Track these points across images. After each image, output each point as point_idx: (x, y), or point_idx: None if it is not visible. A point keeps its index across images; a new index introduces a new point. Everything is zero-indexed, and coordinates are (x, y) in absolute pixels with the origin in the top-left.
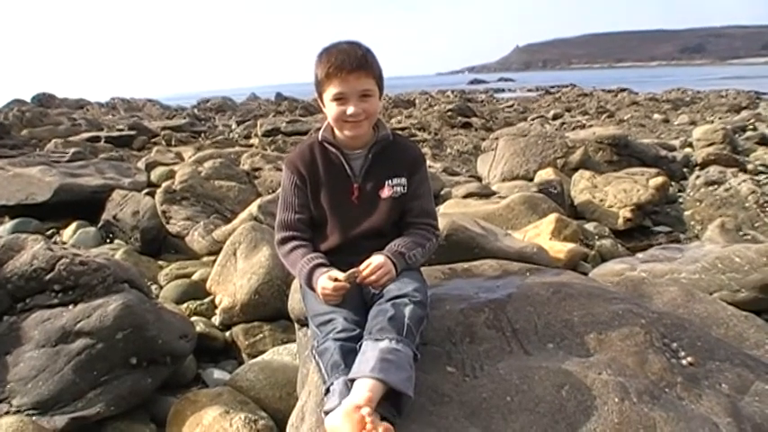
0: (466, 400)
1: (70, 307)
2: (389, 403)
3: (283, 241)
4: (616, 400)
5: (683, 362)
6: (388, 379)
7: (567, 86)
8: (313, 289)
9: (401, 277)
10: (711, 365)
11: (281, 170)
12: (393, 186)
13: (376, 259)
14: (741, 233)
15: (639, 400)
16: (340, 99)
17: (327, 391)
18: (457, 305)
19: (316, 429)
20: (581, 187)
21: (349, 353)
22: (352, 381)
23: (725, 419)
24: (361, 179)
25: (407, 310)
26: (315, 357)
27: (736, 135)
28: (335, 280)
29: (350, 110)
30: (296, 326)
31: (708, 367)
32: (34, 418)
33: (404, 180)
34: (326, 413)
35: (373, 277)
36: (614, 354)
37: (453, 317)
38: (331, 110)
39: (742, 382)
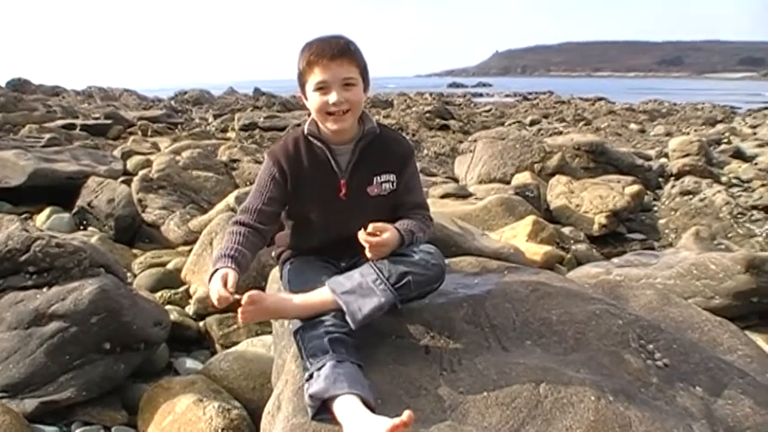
0: (443, 394)
1: (44, 289)
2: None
3: (235, 223)
4: (592, 398)
5: (659, 363)
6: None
7: (544, 93)
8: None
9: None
10: (686, 368)
11: (259, 162)
12: (382, 183)
13: (387, 234)
14: (715, 242)
15: (615, 398)
16: (322, 88)
17: (311, 376)
18: (436, 299)
19: (292, 418)
20: (557, 192)
21: (336, 341)
22: (340, 362)
23: (699, 421)
24: (347, 175)
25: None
26: (298, 342)
27: (712, 148)
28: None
29: (332, 98)
30: None
31: (682, 369)
32: (3, 400)
33: (392, 176)
34: (312, 396)
35: (372, 253)
36: (591, 353)
37: (432, 311)
38: (313, 101)
39: (715, 385)
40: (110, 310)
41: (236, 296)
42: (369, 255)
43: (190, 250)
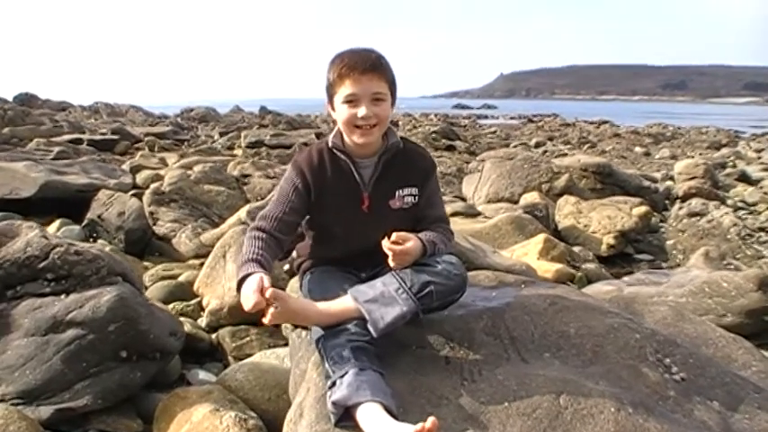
0: (464, 404)
1: (62, 297)
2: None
3: (254, 228)
4: (612, 410)
5: (676, 377)
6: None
7: (549, 116)
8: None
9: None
10: (703, 382)
11: (270, 177)
12: (404, 197)
13: (410, 243)
14: (725, 263)
15: (635, 411)
16: (351, 101)
17: (333, 384)
18: (455, 311)
19: (315, 425)
20: (566, 212)
21: (358, 350)
22: (362, 370)
23: None
24: (371, 188)
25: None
26: (320, 351)
27: (717, 171)
28: (262, 290)
29: (361, 112)
30: (288, 328)
31: (699, 384)
32: (19, 407)
33: (415, 190)
34: (334, 404)
35: (395, 262)
36: (610, 366)
37: (452, 322)
38: (342, 113)
39: (732, 400)
40: (127, 318)
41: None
42: (392, 263)
43: (201, 263)
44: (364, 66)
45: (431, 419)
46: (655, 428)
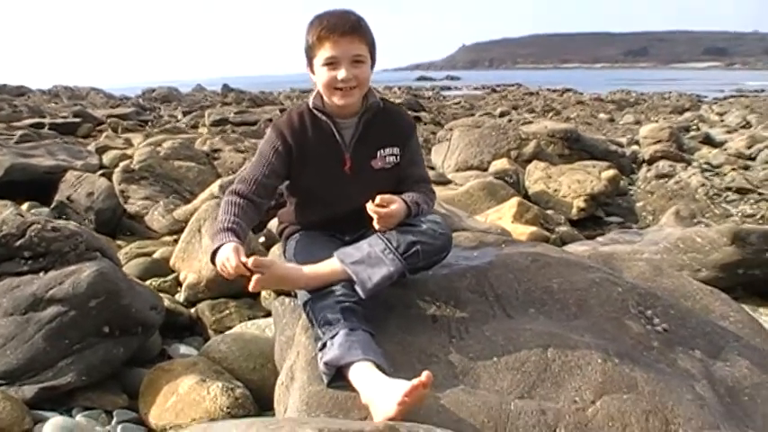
0: (454, 360)
1: (41, 274)
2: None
3: (232, 192)
4: (599, 360)
5: (658, 328)
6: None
7: (513, 85)
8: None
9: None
10: (684, 332)
11: (241, 152)
12: (386, 157)
13: (394, 206)
14: (695, 221)
15: (621, 361)
16: (331, 63)
17: (324, 345)
18: (439, 270)
19: (308, 386)
20: (536, 177)
21: (347, 310)
22: (353, 330)
23: (700, 382)
24: (352, 149)
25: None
26: (308, 314)
27: (681, 134)
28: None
29: (341, 74)
30: (270, 297)
31: (681, 334)
32: (2, 387)
33: (396, 149)
34: (327, 364)
35: (380, 225)
36: (594, 319)
37: (437, 281)
38: (321, 75)
39: (713, 349)
40: (109, 292)
41: (247, 262)
42: (377, 226)
43: (175, 240)
44: (344, 28)
45: (425, 373)
46: (641, 377)
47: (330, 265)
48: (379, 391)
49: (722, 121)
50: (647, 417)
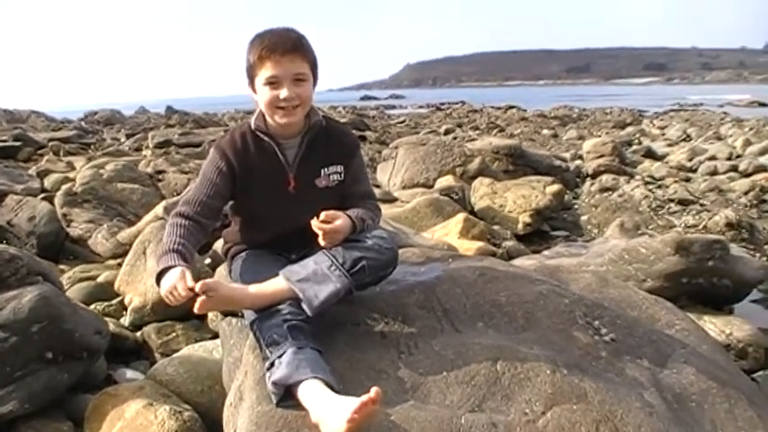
0: (403, 376)
1: None
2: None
3: (177, 215)
4: (548, 372)
5: (606, 338)
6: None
7: (457, 103)
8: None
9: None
10: (631, 341)
11: (185, 173)
12: (329, 175)
13: (339, 222)
14: (639, 232)
15: (570, 372)
16: (273, 83)
17: (272, 364)
18: (387, 287)
19: (257, 406)
20: (481, 193)
21: (294, 328)
22: (300, 348)
23: (648, 390)
24: (296, 168)
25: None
26: (255, 333)
27: (624, 148)
28: (187, 286)
29: (283, 93)
30: (218, 318)
31: (628, 343)
32: None
33: (340, 167)
34: (275, 384)
35: (325, 241)
36: (542, 331)
37: (384, 298)
38: (263, 95)
39: (660, 357)
40: (51, 317)
41: (194, 287)
42: (322, 242)
43: (119, 263)
44: (285, 47)
45: (374, 389)
46: (590, 387)
47: (276, 284)
48: (329, 408)
49: (663, 134)
50: (598, 426)
